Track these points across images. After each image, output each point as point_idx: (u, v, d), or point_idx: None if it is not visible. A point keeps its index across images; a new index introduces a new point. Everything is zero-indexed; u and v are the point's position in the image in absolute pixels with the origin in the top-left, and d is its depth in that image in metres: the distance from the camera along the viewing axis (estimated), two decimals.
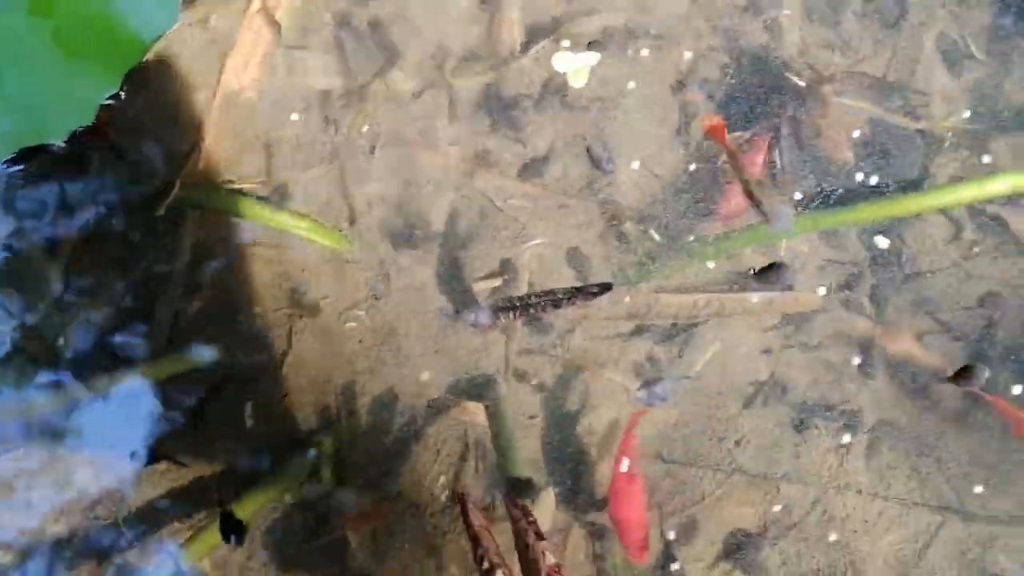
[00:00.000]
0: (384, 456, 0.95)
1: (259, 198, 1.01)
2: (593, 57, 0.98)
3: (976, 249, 0.99)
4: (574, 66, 0.97)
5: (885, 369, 0.97)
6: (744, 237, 0.99)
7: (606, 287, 0.92)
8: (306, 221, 1.01)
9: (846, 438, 0.96)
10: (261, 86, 1.04)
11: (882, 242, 0.99)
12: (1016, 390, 0.94)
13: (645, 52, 1.04)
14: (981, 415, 0.96)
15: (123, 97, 0.95)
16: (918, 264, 0.99)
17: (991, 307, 0.98)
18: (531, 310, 0.94)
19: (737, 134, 1.00)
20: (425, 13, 1.06)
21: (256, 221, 1.00)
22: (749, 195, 0.88)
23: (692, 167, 1.01)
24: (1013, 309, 0.98)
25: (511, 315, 0.94)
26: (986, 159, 1.00)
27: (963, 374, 0.96)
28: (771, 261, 0.98)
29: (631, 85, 1.03)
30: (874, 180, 0.99)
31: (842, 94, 1.00)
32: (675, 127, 1.03)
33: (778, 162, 0.99)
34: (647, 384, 0.94)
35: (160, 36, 0.94)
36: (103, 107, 0.91)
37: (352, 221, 1.01)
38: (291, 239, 1.00)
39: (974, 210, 0.99)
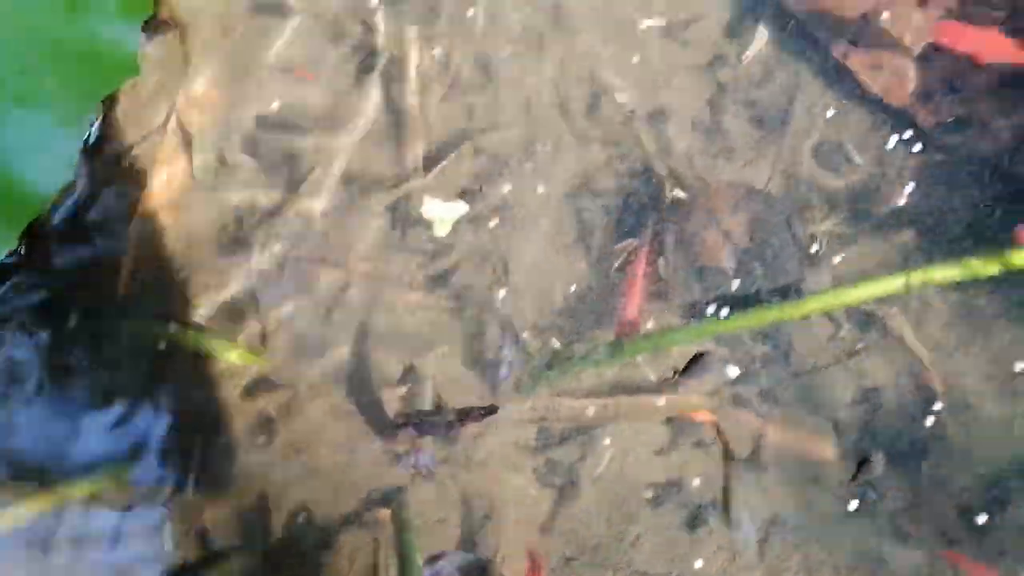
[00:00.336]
0: (298, 570, 1.00)
1: (174, 319, 1.05)
2: (460, 208, 1.03)
3: (858, 346, 1.04)
4: (440, 215, 1.02)
5: (775, 464, 1.02)
6: (639, 344, 1.04)
7: (491, 410, 0.97)
8: (218, 339, 1.05)
9: (739, 534, 1.01)
10: (176, 213, 1.08)
11: (768, 343, 1.04)
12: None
13: (541, 162, 1.09)
14: (870, 504, 1.00)
15: (23, 252, 1.00)
16: (804, 363, 1.04)
17: (872, 402, 1.03)
18: (424, 431, 0.99)
19: (625, 243, 1.05)
20: (332, 133, 1.11)
21: (170, 341, 1.05)
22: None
23: (589, 276, 1.06)
24: (892, 404, 1.03)
25: (411, 432, 0.99)
26: (863, 261, 1.05)
27: (860, 470, 1.00)
28: (696, 353, 1.02)
29: (527, 195, 1.08)
30: (755, 286, 1.04)
31: (724, 202, 1.06)
32: (571, 237, 1.08)
33: (662, 272, 1.04)
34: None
35: (59, 188, 0.99)
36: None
37: (264, 338, 1.06)
38: (204, 358, 1.05)
39: (854, 310, 1.04)
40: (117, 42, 0.98)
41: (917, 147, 1.06)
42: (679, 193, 1.06)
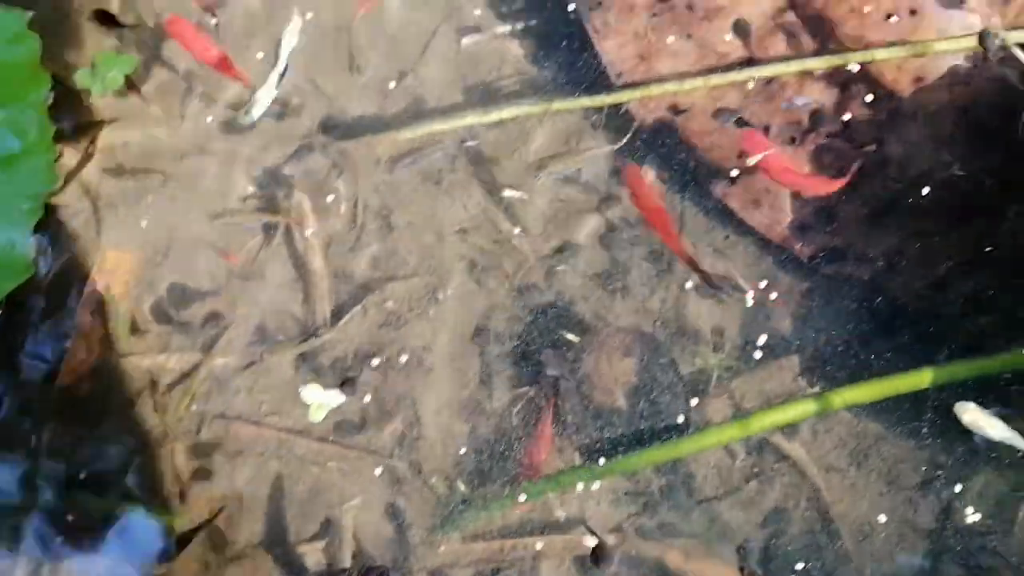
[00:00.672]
0: None
1: (90, 487, 1.09)
2: (337, 397, 1.08)
3: (756, 470, 1.08)
4: (317, 400, 1.06)
5: None
6: (547, 484, 1.07)
7: (385, 571, 1.02)
8: (137, 503, 1.09)
9: None
10: (93, 381, 1.12)
11: (668, 475, 1.08)
12: None
13: (444, 308, 1.14)
14: None
15: None
16: (706, 491, 1.08)
17: (773, 525, 1.07)
18: None
19: (523, 389, 1.10)
20: (243, 293, 1.16)
21: (86, 509, 1.08)
22: None
23: (496, 419, 1.10)
24: (792, 526, 1.06)
25: None
26: (754, 392, 1.10)
27: (742, 561, 1.04)
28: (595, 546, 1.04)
29: (431, 342, 1.13)
30: (651, 424, 1.08)
31: (615, 346, 1.10)
32: (474, 382, 1.12)
33: (562, 413, 1.08)
34: None
35: None
36: None
37: (183, 497, 1.09)
38: (124, 522, 1.08)
39: (748, 439, 1.09)
40: (10, 246, 1.03)
41: (797, 278, 1.12)
42: (574, 337, 1.11)
